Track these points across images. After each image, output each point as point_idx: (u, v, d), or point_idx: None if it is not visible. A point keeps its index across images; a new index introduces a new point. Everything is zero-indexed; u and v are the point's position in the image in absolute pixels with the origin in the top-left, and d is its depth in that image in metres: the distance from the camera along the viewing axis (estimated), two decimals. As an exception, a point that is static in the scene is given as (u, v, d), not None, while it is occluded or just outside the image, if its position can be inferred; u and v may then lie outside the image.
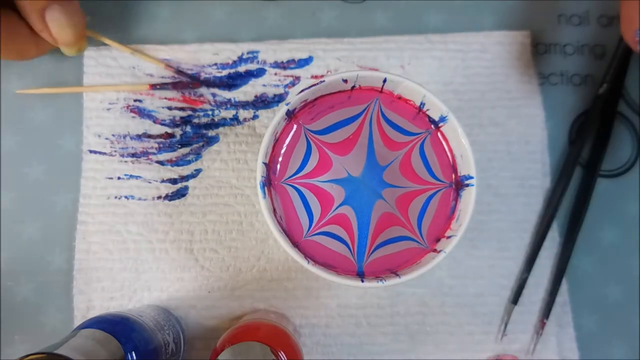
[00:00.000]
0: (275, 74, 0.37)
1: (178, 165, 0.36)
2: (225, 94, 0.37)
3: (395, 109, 0.30)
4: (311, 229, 0.28)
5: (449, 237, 0.28)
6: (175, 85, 0.37)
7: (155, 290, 0.35)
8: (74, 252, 0.35)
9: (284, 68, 0.37)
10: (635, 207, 0.37)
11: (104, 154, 0.36)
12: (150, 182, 0.36)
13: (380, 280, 0.26)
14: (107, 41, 0.36)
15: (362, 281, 0.26)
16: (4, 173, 0.36)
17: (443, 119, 0.28)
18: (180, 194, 0.36)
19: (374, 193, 0.29)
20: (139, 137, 0.36)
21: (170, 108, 0.37)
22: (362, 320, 0.35)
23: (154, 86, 0.36)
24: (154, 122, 0.36)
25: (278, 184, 0.29)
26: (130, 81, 0.37)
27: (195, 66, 0.37)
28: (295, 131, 0.29)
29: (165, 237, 0.35)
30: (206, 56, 0.37)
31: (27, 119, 0.37)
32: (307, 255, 0.27)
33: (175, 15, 0.38)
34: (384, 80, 0.28)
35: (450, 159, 0.29)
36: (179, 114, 0.37)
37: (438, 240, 0.29)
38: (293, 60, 0.37)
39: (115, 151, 0.36)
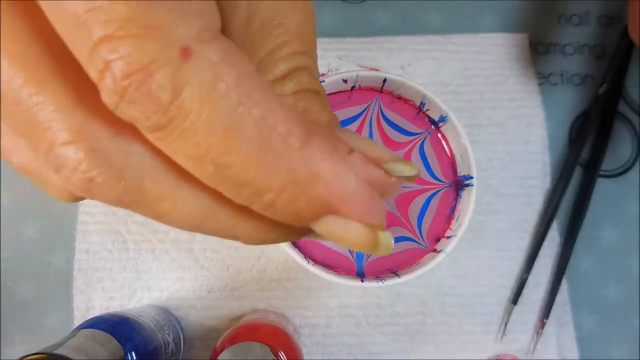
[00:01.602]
0: (275, 74, 0.37)
1: (178, 165, 0.36)
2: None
3: (395, 109, 0.30)
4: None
5: (449, 237, 0.28)
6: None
7: (155, 290, 0.35)
8: (74, 252, 0.35)
9: (284, 68, 0.37)
10: (635, 207, 0.37)
11: (104, 154, 0.36)
12: (150, 182, 0.36)
13: (380, 280, 0.26)
14: None
15: (362, 281, 0.26)
16: (3, 173, 0.36)
17: (443, 119, 0.28)
18: (180, 194, 0.36)
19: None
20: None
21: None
22: (362, 320, 0.35)
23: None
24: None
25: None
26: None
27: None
28: (295, 131, 0.29)
29: (165, 237, 0.35)
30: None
31: (27, 119, 0.37)
32: (307, 255, 0.27)
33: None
34: (384, 81, 0.28)
35: (450, 159, 0.29)
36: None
37: (438, 240, 0.29)
38: (293, 60, 0.37)
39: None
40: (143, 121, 0.11)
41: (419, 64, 0.37)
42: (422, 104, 0.29)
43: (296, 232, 0.14)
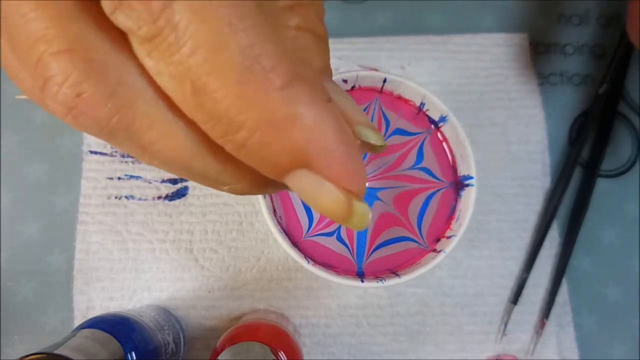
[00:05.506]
0: (275, 74, 0.37)
1: (178, 165, 0.36)
2: (225, 94, 0.37)
3: (396, 109, 0.30)
4: (311, 229, 0.28)
5: (449, 237, 0.28)
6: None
7: (155, 290, 0.35)
8: (74, 252, 0.35)
9: (284, 68, 0.37)
10: (635, 207, 0.37)
11: (105, 154, 0.36)
12: (150, 182, 0.36)
13: (380, 280, 0.26)
14: None
15: (362, 281, 0.26)
16: (4, 173, 0.36)
17: (443, 119, 0.28)
18: (180, 194, 0.36)
19: (372, 193, 0.29)
20: (139, 137, 0.36)
21: (170, 108, 0.37)
22: (362, 320, 0.35)
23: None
24: (154, 122, 0.36)
25: (278, 184, 0.29)
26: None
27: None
28: (295, 131, 0.29)
29: (165, 237, 0.35)
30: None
31: (27, 119, 0.37)
32: (307, 255, 0.27)
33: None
34: (384, 81, 0.28)
35: (450, 159, 0.29)
36: (179, 114, 0.37)
37: (438, 240, 0.29)
38: (293, 60, 0.37)
39: (115, 151, 0.36)
40: (135, 30, 0.11)
41: (419, 63, 0.37)
42: (422, 104, 0.29)
43: (270, 182, 0.14)
